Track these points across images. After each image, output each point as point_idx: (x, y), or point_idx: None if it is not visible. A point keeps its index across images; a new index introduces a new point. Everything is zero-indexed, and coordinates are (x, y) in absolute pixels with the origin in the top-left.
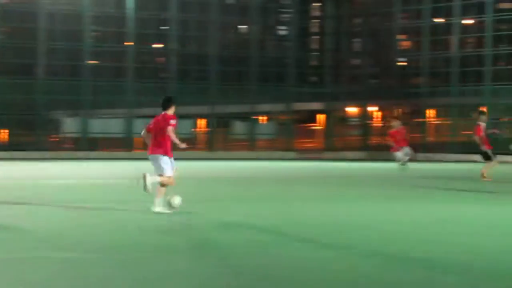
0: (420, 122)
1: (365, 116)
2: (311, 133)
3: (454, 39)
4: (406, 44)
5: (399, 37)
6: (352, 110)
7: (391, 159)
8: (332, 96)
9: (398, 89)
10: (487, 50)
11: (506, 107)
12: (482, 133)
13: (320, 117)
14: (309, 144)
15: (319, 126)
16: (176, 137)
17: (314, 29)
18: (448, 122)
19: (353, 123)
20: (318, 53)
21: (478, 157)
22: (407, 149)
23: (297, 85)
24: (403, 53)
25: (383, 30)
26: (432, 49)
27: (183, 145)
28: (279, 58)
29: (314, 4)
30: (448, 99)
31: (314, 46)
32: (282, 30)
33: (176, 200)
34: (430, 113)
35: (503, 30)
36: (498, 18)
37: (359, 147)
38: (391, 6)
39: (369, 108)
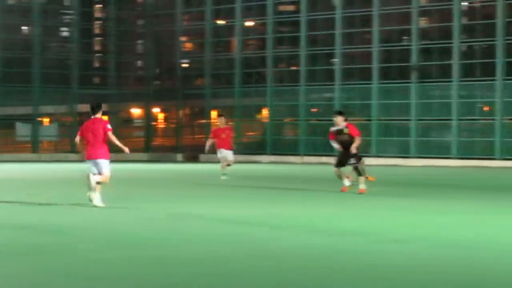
0: (204, 123)
1: (149, 118)
2: None
3: (236, 41)
4: (189, 45)
5: (182, 38)
6: (136, 111)
7: (174, 161)
8: (116, 98)
9: (182, 90)
10: (269, 51)
11: (287, 108)
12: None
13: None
14: None
15: None
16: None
17: (98, 30)
18: (232, 123)
19: (137, 124)
20: (102, 54)
21: (263, 158)
22: (226, 152)
23: (81, 86)
24: (186, 54)
25: (166, 31)
26: (215, 50)
27: (126, 149)
28: (62, 60)
29: (97, 5)
30: (231, 100)
31: (98, 47)
32: (65, 32)
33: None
34: (214, 114)
35: (283, 32)
36: (278, 20)
37: (143, 148)
38: (174, 8)
39: (153, 110)
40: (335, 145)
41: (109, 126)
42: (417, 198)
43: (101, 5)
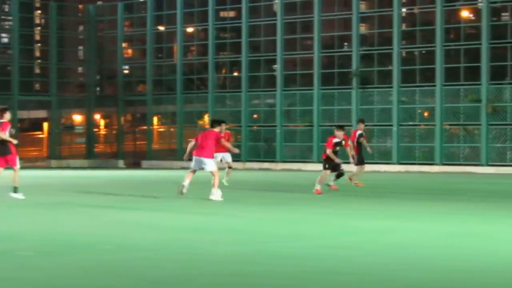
0: (145, 130)
1: (90, 124)
2: (36, 142)
3: (177, 47)
4: (130, 52)
5: (123, 45)
6: (77, 118)
7: (116, 167)
8: (57, 104)
9: (123, 97)
10: (210, 57)
11: (229, 114)
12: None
13: (45, 125)
14: (34, 152)
15: (44, 134)
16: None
17: (38, 37)
18: (174, 129)
19: (79, 131)
20: (43, 61)
21: None
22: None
23: (21, 93)
24: (128, 60)
25: (107, 38)
26: (156, 56)
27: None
28: (3, 66)
29: (37, 11)
30: (173, 106)
31: (38, 54)
32: (5, 38)
33: None
34: (156, 120)
35: (225, 38)
36: (220, 26)
37: (84, 155)
38: (115, 14)
39: (95, 116)
40: (332, 155)
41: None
42: (358, 203)
43: (41, 11)
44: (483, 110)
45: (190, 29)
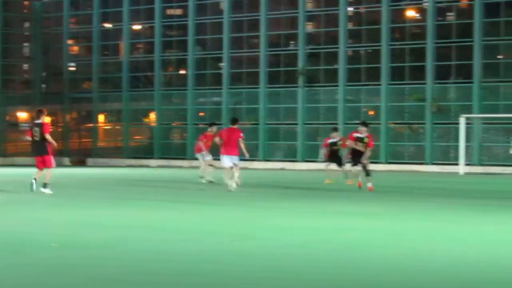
0: (91, 127)
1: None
2: None
3: (124, 44)
4: (76, 49)
5: (69, 42)
6: (22, 115)
7: (61, 164)
8: (2, 101)
9: (69, 94)
10: (157, 55)
11: (175, 112)
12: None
13: None
14: None
15: None
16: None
17: None
18: (120, 127)
19: (24, 128)
20: None
21: (152, 162)
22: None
23: None
24: (74, 58)
25: (53, 34)
26: (102, 54)
27: None
28: None
29: None
30: (119, 104)
31: None
32: None
33: None
34: (102, 118)
35: (171, 36)
36: (166, 24)
37: (30, 152)
38: (61, 11)
39: None
40: (353, 145)
41: None
42: (303, 202)
43: None
44: (427, 109)
45: (136, 27)
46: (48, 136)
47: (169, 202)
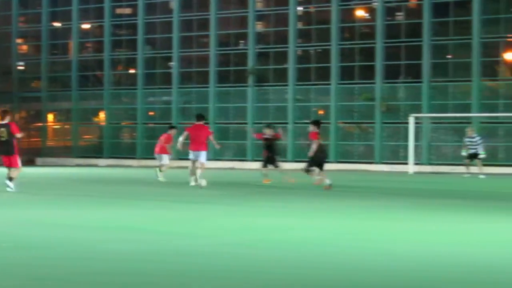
0: (40, 127)
1: None
2: None
3: (73, 43)
4: (25, 48)
5: (18, 40)
6: None
7: None
8: None
9: (18, 93)
10: (106, 54)
11: (125, 111)
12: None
13: None
14: None
15: None
16: None
17: None
18: (69, 126)
19: None
20: None
21: (101, 161)
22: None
23: None
24: (23, 57)
25: (1, 33)
26: (51, 53)
27: None
28: None
29: None
30: (68, 103)
31: None
32: None
33: None
34: (51, 117)
35: (121, 35)
36: (116, 23)
37: None
38: (9, 9)
39: None
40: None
41: None
42: (253, 201)
43: None
44: (377, 109)
45: (85, 26)
46: (20, 135)
47: (115, 201)
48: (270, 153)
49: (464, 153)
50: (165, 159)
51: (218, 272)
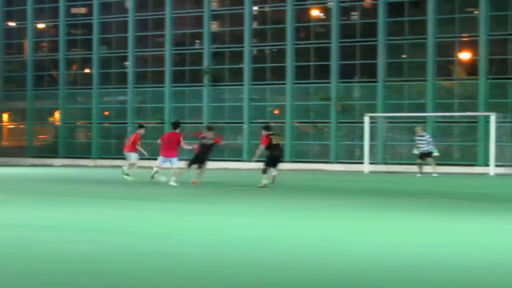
0: None
1: None
2: None
3: (28, 43)
4: None
5: None
6: None
7: None
8: None
9: None
10: (61, 54)
11: (80, 111)
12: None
13: None
14: None
15: None
16: None
17: None
18: (24, 126)
19: None
20: None
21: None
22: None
23: None
24: None
25: None
26: (6, 52)
27: None
28: None
29: None
30: (23, 102)
31: None
32: None
33: None
34: (6, 117)
35: (76, 35)
36: (71, 22)
37: None
38: None
39: None
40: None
41: None
42: (208, 202)
43: None
44: (332, 108)
45: (41, 25)
46: None
47: (71, 200)
48: (203, 154)
49: (415, 152)
50: (133, 157)
51: (174, 272)
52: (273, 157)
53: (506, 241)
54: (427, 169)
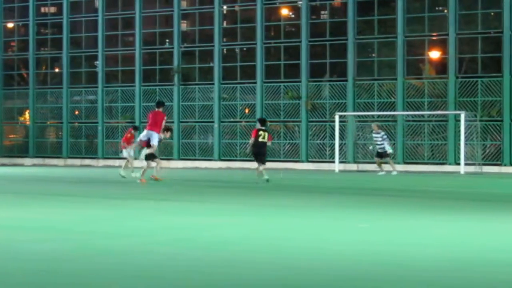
0: None
1: None
2: None
3: None
4: None
5: None
6: None
7: None
8: None
9: None
10: (31, 53)
11: (50, 110)
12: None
13: None
14: None
15: None
16: None
17: None
18: None
19: None
20: None
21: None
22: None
23: None
24: None
25: None
26: None
27: None
28: None
29: None
30: None
31: None
32: None
33: None
34: None
35: (45, 34)
36: (40, 21)
37: None
38: None
39: None
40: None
41: None
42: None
43: None
44: (302, 107)
45: (10, 25)
46: None
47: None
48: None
49: (371, 148)
50: (125, 153)
51: (141, 272)
52: (255, 153)
53: (468, 240)
54: (387, 167)
